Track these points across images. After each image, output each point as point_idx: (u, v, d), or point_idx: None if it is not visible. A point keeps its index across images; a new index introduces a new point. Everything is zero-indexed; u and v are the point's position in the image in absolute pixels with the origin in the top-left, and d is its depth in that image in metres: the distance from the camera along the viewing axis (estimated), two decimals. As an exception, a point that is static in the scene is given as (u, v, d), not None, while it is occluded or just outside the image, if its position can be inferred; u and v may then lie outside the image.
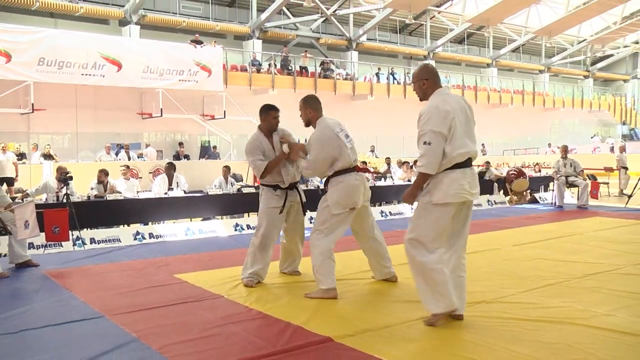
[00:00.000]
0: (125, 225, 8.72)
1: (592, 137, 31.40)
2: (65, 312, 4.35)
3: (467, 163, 3.85)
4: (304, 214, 5.36)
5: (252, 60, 20.53)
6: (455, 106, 3.84)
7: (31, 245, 7.07)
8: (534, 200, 13.30)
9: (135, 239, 7.95)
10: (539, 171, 15.95)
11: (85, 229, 7.94)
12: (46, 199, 8.24)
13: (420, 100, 4.03)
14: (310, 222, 6.44)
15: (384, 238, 5.22)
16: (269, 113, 5.18)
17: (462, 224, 4.00)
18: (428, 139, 3.73)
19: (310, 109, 4.82)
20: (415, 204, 4.00)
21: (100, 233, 7.90)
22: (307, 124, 4.88)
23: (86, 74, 15.55)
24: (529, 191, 14.09)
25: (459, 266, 3.97)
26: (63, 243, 7.20)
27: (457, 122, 3.78)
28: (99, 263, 6.34)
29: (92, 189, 9.02)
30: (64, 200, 7.54)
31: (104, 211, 8.40)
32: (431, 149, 3.73)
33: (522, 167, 16.32)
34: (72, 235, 7.31)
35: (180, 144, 17.42)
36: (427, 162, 3.75)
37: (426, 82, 3.99)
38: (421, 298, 3.91)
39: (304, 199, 5.29)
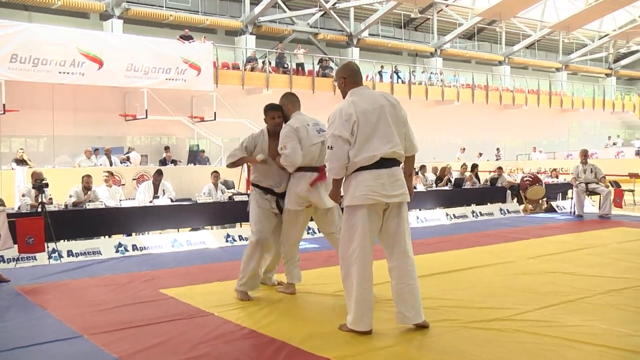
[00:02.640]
0: (107, 236, 8.68)
1: (609, 140, 31.34)
2: (39, 331, 4.33)
3: (380, 164, 4.00)
4: None
5: (248, 57, 20.57)
6: (365, 107, 4.03)
7: (1, 259, 7.05)
8: (551, 209, 13.30)
9: (117, 251, 7.93)
10: (557, 177, 15.97)
11: (62, 241, 7.92)
12: (19, 208, 8.22)
13: (343, 98, 4.24)
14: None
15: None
16: (267, 114, 5.34)
17: (395, 229, 4.11)
18: (330, 143, 4.04)
19: (288, 102, 5.27)
20: None
21: (79, 245, 7.87)
22: (286, 120, 5.24)
23: (64, 72, 15.54)
24: (545, 199, 14.09)
25: (405, 273, 4.08)
26: (37, 256, 7.18)
27: (361, 126, 3.98)
28: (78, 277, 6.33)
29: (70, 196, 9.00)
30: (39, 209, 7.52)
31: (83, 221, 8.38)
32: (333, 153, 4.00)
33: (538, 173, 16.34)
34: (48, 247, 7.28)
35: (167, 148, 17.40)
36: (330, 166, 4.05)
37: (344, 81, 4.24)
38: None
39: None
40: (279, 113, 5.30)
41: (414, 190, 12.62)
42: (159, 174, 10.26)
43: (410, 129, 4.24)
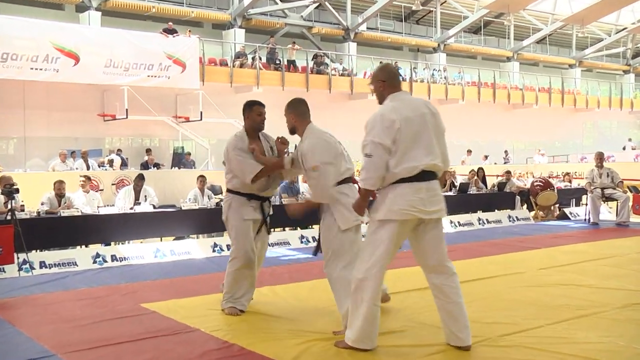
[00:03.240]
0: (83, 246, 8.66)
1: (630, 142, 31.38)
2: (8, 350, 4.31)
3: (421, 177, 3.98)
4: (268, 233, 5.44)
5: (236, 53, 20.58)
6: (407, 114, 3.99)
7: (-33, 271, 7.03)
8: (564, 216, 13.33)
9: (94, 262, 7.89)
10: (570, 182, 16.02)
11: (34, 251, 7.87)
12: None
13: (379, 103, 4.21)
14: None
15: None
16: (252, 109, 5.24)
17: (435, 246, 4.12)
18: (369, 151, 3.94)
19: (294, 114, 4.85)
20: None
21: (53, 255, 7.84)
22: (292, 132, 4.95)
23: (36, 69, 15.51)
24: (557, 205, 14.13)
25: (453, 291, 4.09)
26: (6, 267, 7.13)
27: (403, 133, 3.93)
28: (51, 291, 6.30)
29: (42, 203, 8.97)
30: (9, 217, 7.48)
31: (57, 229, 8.34)
32: (372, 162, 3.93)
33: (549, 177, 16.37)
34: (18, 258, 7.24)
35: (149, 150, 17.38)
36: (366, 176, 3.96)
37: (383, 84, 4.17)
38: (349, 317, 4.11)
39: (271, 212, 5.33)
40: (264, 109, 5.24)
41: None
42: (140, 178, 10.25)
43: (445, 142, 4.24)
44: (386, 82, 4.17)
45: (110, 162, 15.56)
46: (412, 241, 4.20)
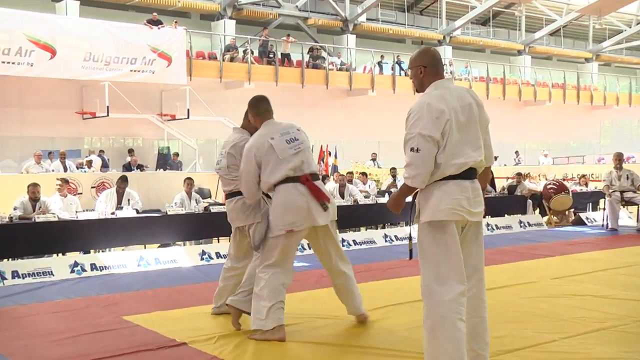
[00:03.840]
0: (60, 254, 8.64)
1: None
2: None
3: (467, 174, 3.86)
4: None
5: (226, 46, 20.59)
6: (454, 104, 3.85)
7: None
8: (579, 222, 13.33)
9: (72, 271, 7.86)
10: (586, 185, 16.04)
11: (6, 259, 7.85)
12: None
13: (416, 91, 4.09)
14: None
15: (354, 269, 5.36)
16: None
17: (473, 252, 4.00)
18: (416, 145, 3.76)
19: (252, 112, 5.14)
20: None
21: (27, 264, 7.81)
22: (254, 131, 5.14)
23: (9, 62, 15.49)
24: (572, 210, 14.14)
25: (481, 305, 3.99)
26: (-23, 277, 7.12)
27: (453, 125, 3.79)
28: (25, 303, 6.28)
29: (15, 208, 8.94)
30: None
31: (31, 236, 8.31)
32: (419, 157, 3.75)
33: (564, 179, 16.39)
34: (-10, 267, 7.24)
35: (131, 151, 17.38)
36: (413, 173, 3.79)
37: (424, 70, 4.02)
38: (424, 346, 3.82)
39: None
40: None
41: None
42: (123, 180, 10.22)
43: (489, 135, 4.11)
44: (427, 69, 4.00)
45: (89, 164, 15.55)
46: None
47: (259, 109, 5.10)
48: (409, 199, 4.05)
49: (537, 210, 13.72)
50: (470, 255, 3.96)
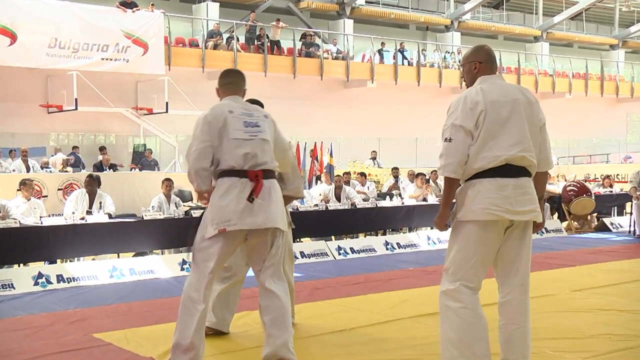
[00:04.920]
0: (22, 265, 8.62)
1: None
2: None
3: (507, 172, 4.09)
4: None
5: (209, 31, 20.56)
6: (495, 98, 4.15)
7: None
8: (603, 228, 13.36)
9: (36, 283, 7.86)
10: (610, 187, 16.08)
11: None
12: None
13: (467, 87, 4.43)
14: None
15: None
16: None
17: (515, 254, 4.22)
18: (449, 135, 4.12)
19: (218, 85, 4.95)
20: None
21: (-16, 276, 7.80)
22: None
23: (-36, 49, 15.48)
24: (595, 215, 14.17)
25: (520, 312, 4.24)
26: None
27: (489, 117, 4.09)
28: (-18, 319, 6.25)
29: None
30: None
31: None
32: (452, 147, 4.10)
33: (586, 181, 16.42)
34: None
35: (103, 148, 17.35)
36: (444, 162, 4.12)
37: (479, 66, 4.37)
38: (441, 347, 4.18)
39: None
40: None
41: (424, 201, 12.49)
42: (92, 179, 10.10)
43: (548, 139, 4.39)
44: (483, 64, 4.37)
45: (47, 163, 15.49)
46: None
47: (222, 79, 4.94)
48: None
49: (556, 215, 13.76)
50: (512, 257, 4.23)
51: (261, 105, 5.23)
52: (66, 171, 14.22)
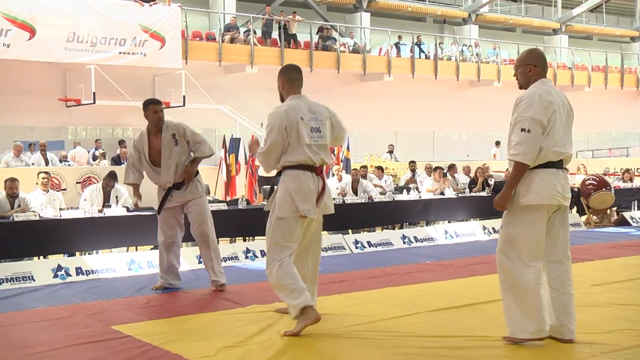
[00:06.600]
0: (41, 257, 8.68)
1: None
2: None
3: (561, 164, 4.85)
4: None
5: (226, 25, 20.57)
6: (559, 100, 4.83)
7: None
8: (623, 222, 13.27)
9: (55, 275, 7.88)
10: (630, 180, 15.97)
11: (-18, 263, 7.89)
12: None
13: (520, 88, 5.04)
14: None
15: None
16: (148, 108, 6.80)
17: (562, 235, 4.97)
18: (527, 126, 4.71)
19: (284, 79, 5.53)
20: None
21: (4, 268, 7.82)
22: (281, 100, 5.56)
23: (-17, 44, 15.57)
24: (614, 209, 14.08)
25: (568, 282, 4.90)
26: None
27: (557, 117, 4.76)
28: (1, 311, 6.28)
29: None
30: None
31: (9, 237, 8.33)
32: (530, 137, 4.69)
33: (605, 174, 16.31)
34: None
35: (121, 142, 17.41)
36: (524, 150, 4.70)
37: (533, 69, 4.94)
38: (506, 318, 4.87)
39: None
40: (161, 107, 6.84)
41: (441, 195, 12.60)
42: (111, 178, 10.11)
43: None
44: (537, 67, 4.94)
45: (66, 157, 15.57)
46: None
47: (289, 74, 5.53)
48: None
49: (575, 209, 13.68)
50: (558, 237, 4.96)
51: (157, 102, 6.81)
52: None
